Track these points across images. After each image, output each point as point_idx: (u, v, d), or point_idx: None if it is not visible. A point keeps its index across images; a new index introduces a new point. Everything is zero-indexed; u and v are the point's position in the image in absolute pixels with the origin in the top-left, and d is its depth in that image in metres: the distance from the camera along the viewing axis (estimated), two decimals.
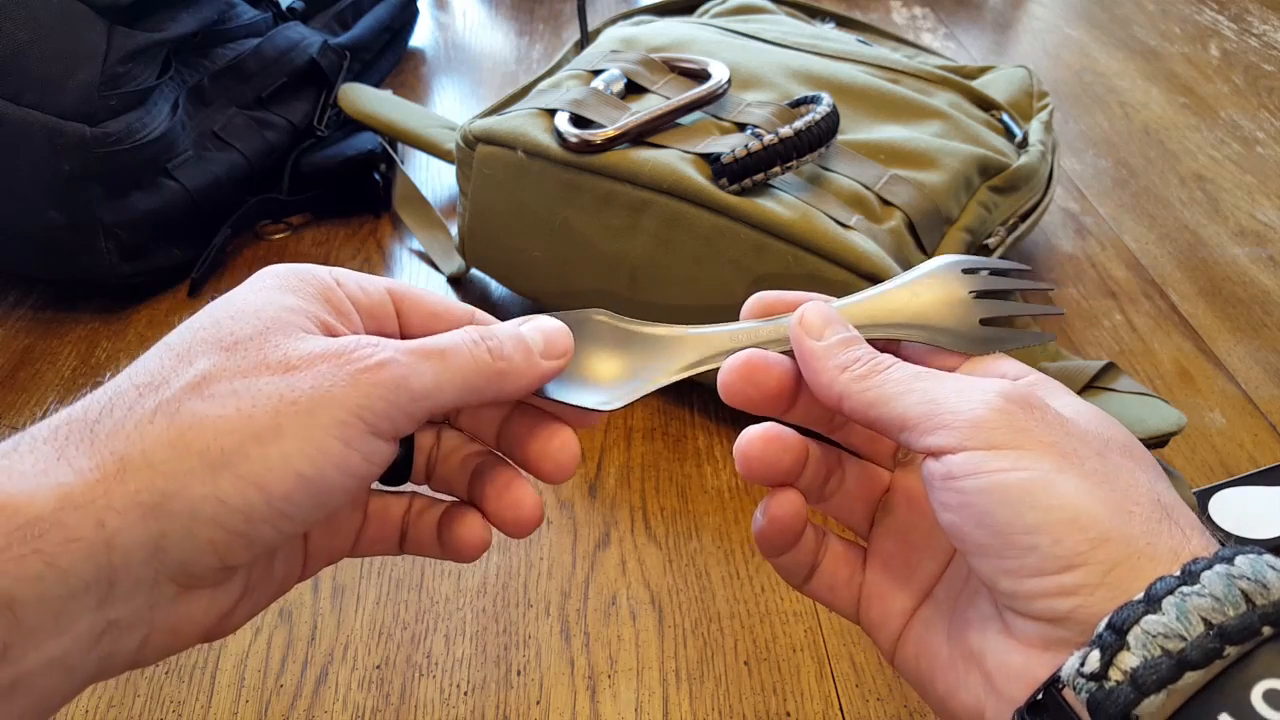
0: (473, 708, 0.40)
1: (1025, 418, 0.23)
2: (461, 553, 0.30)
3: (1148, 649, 0.20)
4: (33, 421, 0.52)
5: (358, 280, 0.28)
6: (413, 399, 0.24)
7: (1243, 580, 0.20)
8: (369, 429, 0.23)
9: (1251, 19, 1.07)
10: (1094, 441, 0.23)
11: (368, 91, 0.72)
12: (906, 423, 0.24)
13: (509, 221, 0.54)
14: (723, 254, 0.48)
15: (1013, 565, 0.22)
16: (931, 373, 0.25)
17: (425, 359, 0.24)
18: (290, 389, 0.22)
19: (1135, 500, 0.22)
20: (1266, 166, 0.80)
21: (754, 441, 0.28)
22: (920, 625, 0.28)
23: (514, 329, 0.27)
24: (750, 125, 0.51)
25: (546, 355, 0.27)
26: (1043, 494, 0.22)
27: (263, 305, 0.25)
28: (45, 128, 0.53)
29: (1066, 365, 0.52)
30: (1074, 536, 0.21)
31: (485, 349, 0.26)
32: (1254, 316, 0.64)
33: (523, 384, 0.26)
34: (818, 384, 0.27)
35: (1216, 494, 0.48)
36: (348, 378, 0.23)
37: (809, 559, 0.30)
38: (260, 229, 0.69)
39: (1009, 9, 1.09)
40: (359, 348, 0.24)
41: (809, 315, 0.28)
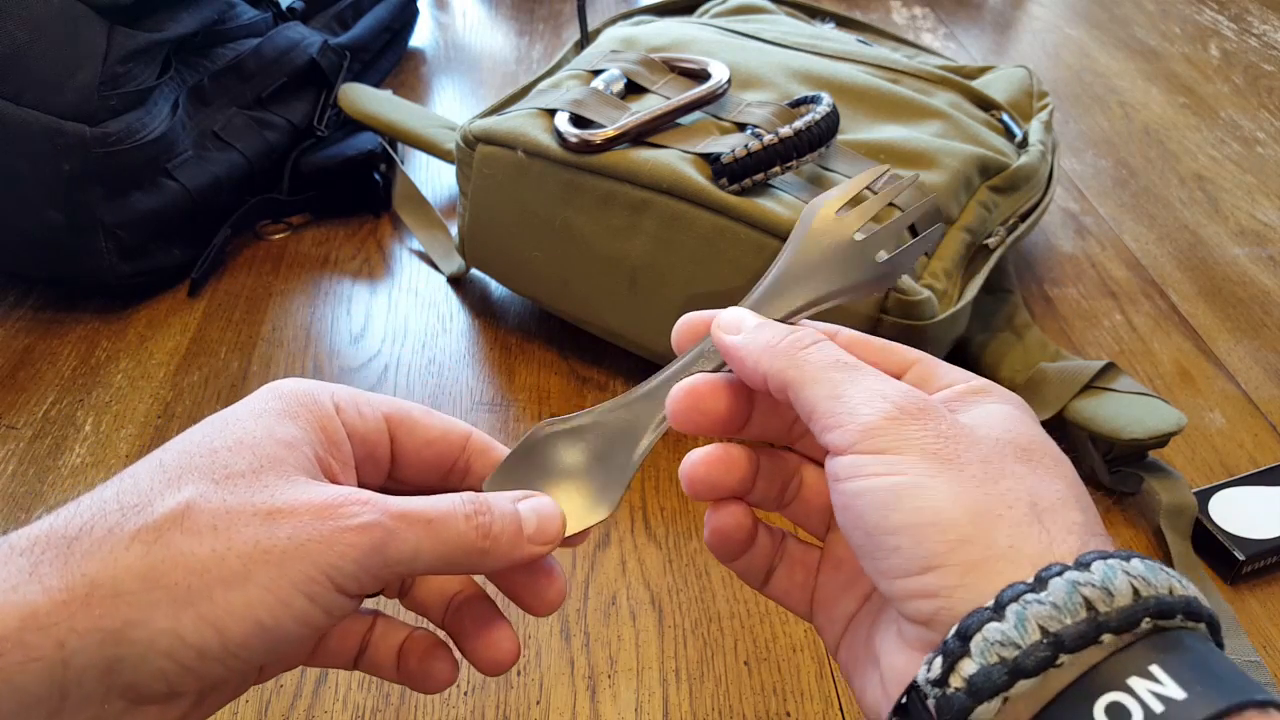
0: (473, 708, 0.40)
1: (914, 426, 0.23)
2: (425, 685, 0.30)
3: (985, 656, 0.20)
4: (32, 421, 0.53)
5: (357, 405, 0.28)
6: (385, 564, 0.24)
7: (1088, 588, 0.20)
8: (335, 587, 0.23)
9: (1251, 19, 1.07)
10: (985, 447, 0.23)
11: (368, 91, 0.72)
12: (813, 414, 0.25)
13: (509, 221, 0.54)
14: (723, 254, 0.48)
15: (883, 566, 0.23)
16: (849, 363, 0.25)
17: (410, 526, 0.24)
18: (268, 536, 0.23)
19: (1008, 504, 0.22)
20: (1266, 166, 0.80)
21: (696, 465, 0.28)
22: (853, 628, 0.28)
23: (510, 506, 0.27)
24: (750, 125, 0.51)
25: (535, 540, 0.27)
26: (909, 497, 0.22)
27: (261, 437, 0.25)
28: (45, 128, 0.53)
29: (1066, 365, 0.52)
30: (934, 538, 0.22)
31: (475, 525, 0.26)
32: (1254, 316, 0.64)
33: (502, 564, 0.26)
34: (744, 371, 0.27)
35: (1216, 494, 0.48)
36: (327, 534, 0.23)
37: (764, 563, 0.30)
38: (260, 229, 0.69)
39: (1009, 9, 1.09)
40: (346, 504, 0.24)
41: (724, 318, 0.28)
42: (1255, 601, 0.45)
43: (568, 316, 0.57)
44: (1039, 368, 0.52)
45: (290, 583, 0.23)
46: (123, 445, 0.52)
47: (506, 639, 0.29)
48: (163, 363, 0.57)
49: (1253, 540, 0.46)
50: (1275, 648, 0.44)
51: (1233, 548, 0.45)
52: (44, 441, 0.52)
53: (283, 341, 0.59)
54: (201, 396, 0.55)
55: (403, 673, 0.30)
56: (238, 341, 0.59)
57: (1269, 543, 0.46)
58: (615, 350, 0.57)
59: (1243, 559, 0.45)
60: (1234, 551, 0.45)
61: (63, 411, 0.54)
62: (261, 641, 0.23)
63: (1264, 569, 0.46)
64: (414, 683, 0.30)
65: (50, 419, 0.53)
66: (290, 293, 0.63)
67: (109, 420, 0.53)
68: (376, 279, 0.65)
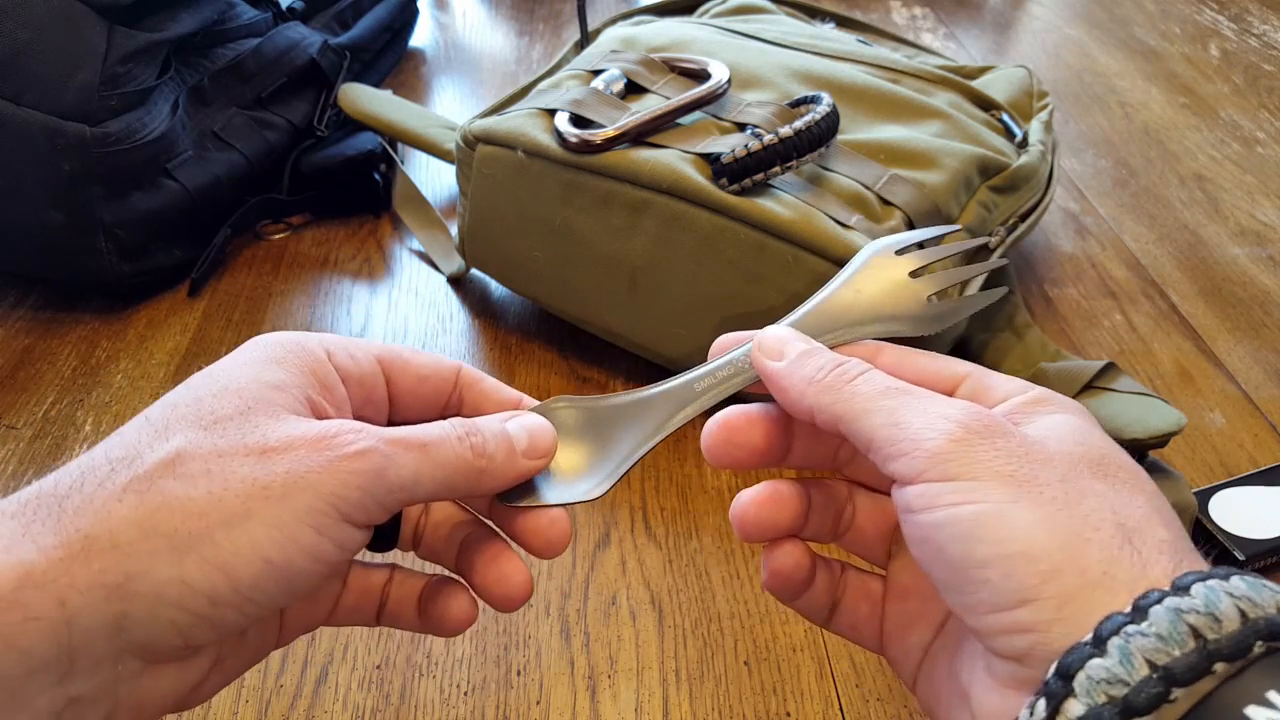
0: (473, 708, 0.40)
1: (984, 446, 0.22)
2: (444, 627, 0.29)
3: (1092, 696, 0.19)
4: (32, 421, 0.53)
5: (348, 349, 0.28)
6: (389, 490, 0.24)
7: (1192, 615, 0.19)
8: (342, 517, 0.23)
9: (1251, 19, 1.07)
10: (1060, 464, 0.22)
11: (368, 91, 0.72)
12: (872, 444, 0.24)
13: (509, 221, 0.54)
14: (723, 254, 0.48)
15: (971, 601, 0.22)
16: (901, 388, 0.25)
17: (407, 450, 0.24)
18: (265, 473, 0.22)
19: (1095, 525, 0.21)
20: (1266, 166, 0.80)
21: (747, 507, 0.28)
22: (932, 660, 0.27)
23: (499, 425, 0.27)
24: (750, 125, 0.51)
25: (529, 454, 0.27)
26: (993, 526, 0.21)
27: (247, 382, 0.25)
28: (45, 128, 0.53)
29: (1067, 365, 0.52)
30: (1024, 570, 0.20)
31: (469, 445, 0.25)
32: (1254, 316, 0.64)
33: (500, 482, 0.26)
34: (788, 402, 0.26)
35: (1216, 494, 0.48)
36: (325, 464, 0.23)
37: (827, 598, 0.29)
38: (260, 229, 0.69)
39: (1009, 9, 1.09)
40: (341, 433, 0.23)
41: (766, 339, 0.27)
42: None
43: (568, 316, 0.57)
44: (1039, 368, 0.52)
45: (294, 516, 0.22)
46: None
47: (516, 571, 0.28)
48: (163, 363, 0.57)
49: (1253, 540, 0.46)
50: None
51: (1233, 548, 0.45)
52: (44, 441, 0.52)
53: None
54: None
55: (424, 619, 0.30)
56: (238, 341, 0.59)
57: (1269, 543, 0.46)
58: (615, 350, 0.57)
59: (1243, 559, 0.45)
60: (1234, 551, 0.45)
61: (63, 411, 0.54)
62: (273, 581, 0.22)
63: (1264, 569, 0.46)
64: (435, 627, 0.30)
65: (50, 419, 0.53)
66: (290, 293, 0.63)
67: (109, 420, 0.53)
68: (376, 279, 0.65)
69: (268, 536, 0.22)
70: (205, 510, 0.22)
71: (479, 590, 0.29)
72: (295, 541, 0.22)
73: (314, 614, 0.29)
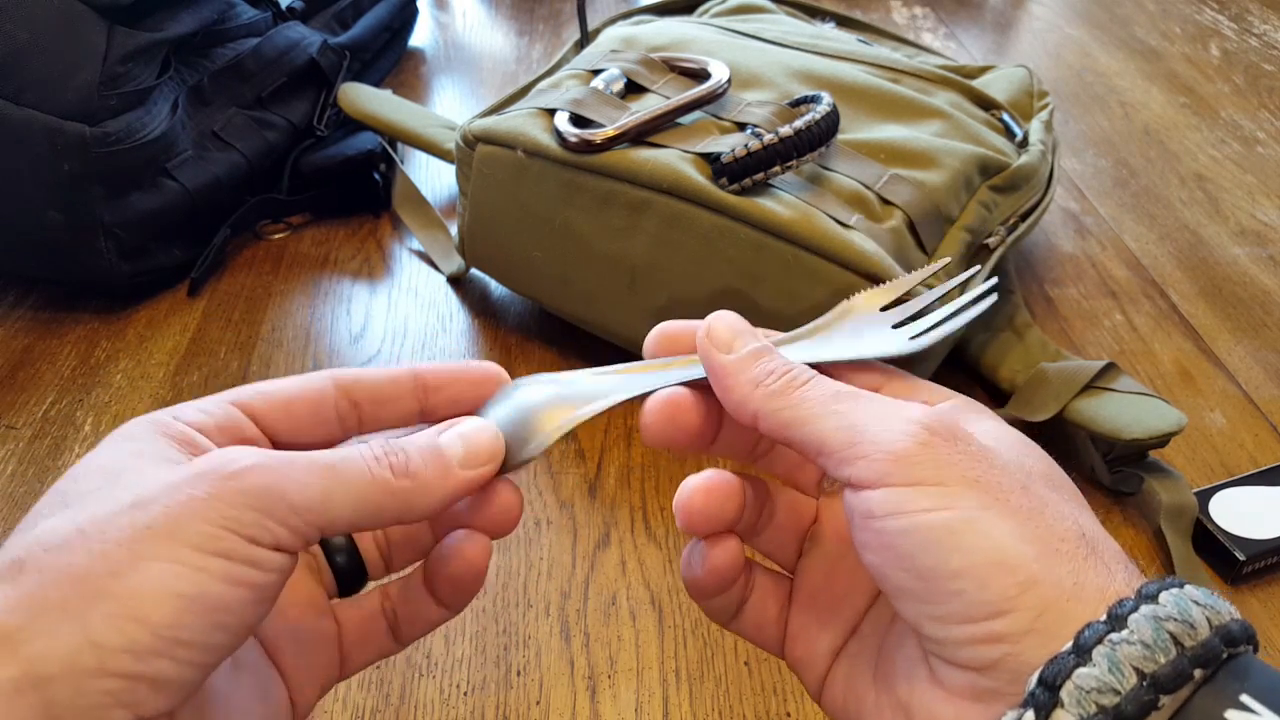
0: (473, 708, 0.40)
1: (948, 450, 0.22)
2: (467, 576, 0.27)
3: (1083, 706, 0.19)
4: (32, 421, 0.52)
5: (195, 405, 0.25)
6: (294, 510, 0.21)
7: (1170, 622, 0.19)
8: (246, 539, 0.21)
9: (1252, 19, 1.07)
10: (1017, 473, 0.22)
11: (367, 91, 0.72)
12: (824, 448, 0.23)
13: (509, 221, 0.54)
14: (723, 254, 0.48)
15: (938, 611, 0.21)
16: (852, 392, 0.24)
17: (309, 471, 0.22)
18: (145, 516, 0.20)
19: (1061, 536, 0.21)
20: (1267, 166, 0.80)
21: (695, 495, 0.26)
22: (846, 664, 0.26)
23: (428, 439, 0.24)
24: (750, 125, 0.51)
25: (467, 464, 0.25)
26: (968, 535, 0.20)
27: (106, 460, 0.23)
28: (45, 128, 0.53)
29: (1067, 365, 0.52)
30: (1001, 580, 0.20)
31: (386, 465, 0.23)
32: (1254, 316, 0.64)
33: (434, 502, 0.24)
34: (730, 402, 0.25)
35: (1216, 494, 0.48)
36: (209, 490, 0.21)
37: (737, 597, 0.28)
38: (260, 229, 0.69)
39: (1009, 9, 1.09)
40: (219, 456, 0.22)
41: (716, 327, 0.26)
42: (1256, 601, 0.45)
43: (568, 316, 0.57)
44: (1039, 368, 0.52)
45: (192, 546, 0.20)
46: None
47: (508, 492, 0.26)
48: (162, 363, 0.57)
49: (1253, 540, 0.46)
50: (1275, 647, 0.44)
51: (1233, 548, 0.45)
52: (44, 441, 0.52)
53: (282, 341, 0.59)
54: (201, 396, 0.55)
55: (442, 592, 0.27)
56: (238, 341, 0.59)
57: (1269, 543, 0.45)
58: (615, 350, 0.57)
59: (1243, 559, 0.45)
60: (1234, 551, 0.45)
61: (62, 411, 0.54)
62: (195, 615, 0.20)
63: (1264, 569, 0.46)
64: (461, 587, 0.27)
65: (50, 419, 0.53)
66: (290, 293, 0.63)
67: (109, 420, 0.53)
68: (376, 279, 0.65)
69: (170, 571, 0.20)
70: (90, 569, 0.20)
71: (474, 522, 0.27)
72: (202, 570, 0.20)
73: (320, 663, 0.27)
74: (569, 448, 0.52)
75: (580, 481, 0.50)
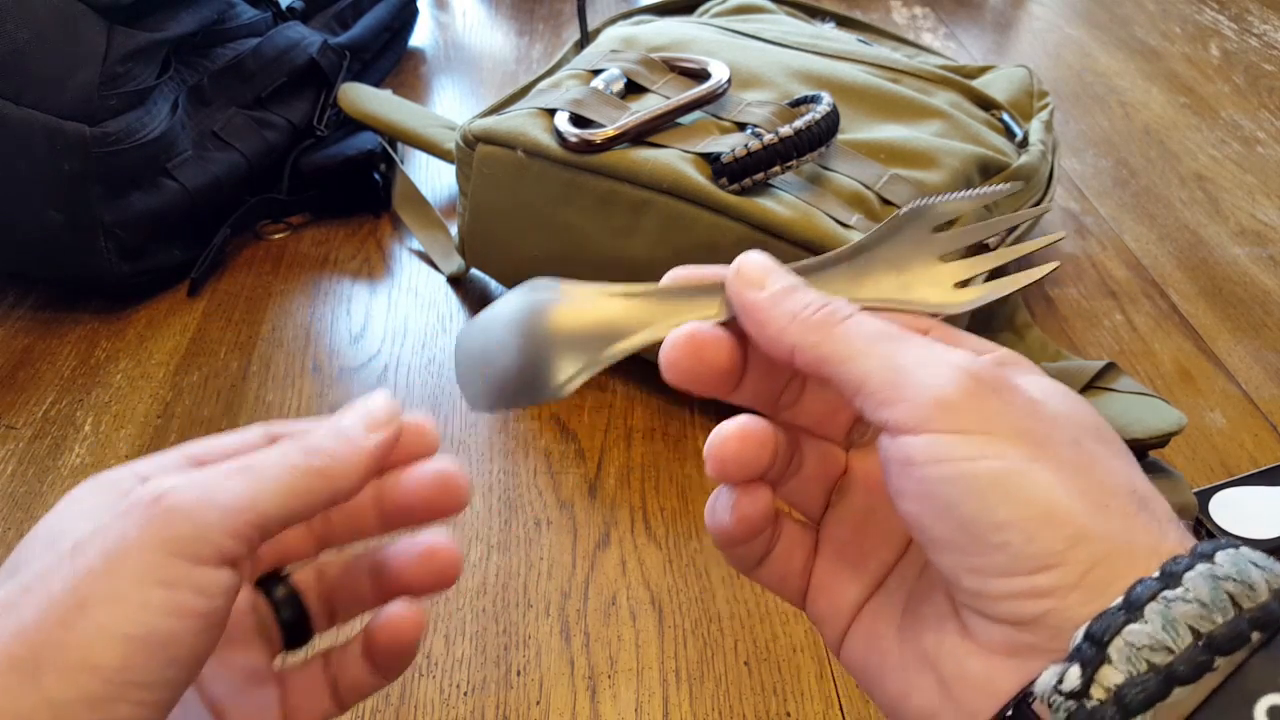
0: (473, 708, 0.40)
1: (994, 399, 0.21)
2: (396, 647, 0.27)
3: (1133, 663, 0.18)
4: (32, 421, 0.52)
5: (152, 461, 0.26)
6: (225, 514, 0.22)
7: (1228, 582, 0.18)
8: (189, 559, 0.21)
9: (1252, 19, 1.07)
10: (1068, 426, 0.21)
11: (367, 91, 0.72)
12: (865, 388, 0.22)
13: (509, 221, 0.54)
14: (723, 254, 0.48)
15: (979, 563, 0.20)
16: (896, 333, 0.23)
17: (228, 475, 0.22)
18: (83, 560, 0.20)
19: (1112, 492, 0.20)
20: (1267, 166, 0.80)
21: (729, 441, 0.25)
22: (870, 619, 0.26)
23: (327, 420, 0.25)
24: (750, 125, 0.51)
25: (373, 426, 0.25)
26: (1015, 487, 0.20)
27: (47, 530, 0.23)
28: (45, 128, 0.53)
29: (1067, 365, 0.52)
30: (1049, 534, 0.19)
31: (296, 448, 0.24)
32: (1254, 316, 0.64)
33: (355, 470, 0.24)
34: (765, 337, 0.24)
35: (1216, 494, 0.48)
36: (140, 520, 0.21)
37: (763, 546, 0.27)
38: (260, 229, 0.69)
39: (1009, 9, 1.09)
40: (141, 490, 0.22)
41: (746, 266, 0.25)
42: None
43: None
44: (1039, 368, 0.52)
45: (133, 581, 0.20)
46: (122, 445, 0.52)
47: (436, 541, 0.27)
48: (162, 363, 0.57)
49: (1253, 540, 0.46)
50: None
51: None
52: (44, 441, 0.52)
53: (282, 341, 0.59)
54: (201, 396, 0.55)
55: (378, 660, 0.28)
56: (238, 341, 0.59)
57: (1269, 543, 0.45)
58: None
59: None
60: None
61: (62, 411, 0.54)
62: (146, 655, 0.20)
63: None
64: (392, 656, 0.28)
65: (50, 419, 0.53)
66: (290, 293, 0.63)
67: (109, 420, 0.53)
68: (376, 279, 0.65)
69: (116, 612, 0.20)
70: (40, 623, 0.20)
71: (410, 585, 0.27)
72: (145, 606, 0.20)
73: None
74: (569, 448, 0.52)
75: (580, 481, 0.50)
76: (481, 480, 0.50)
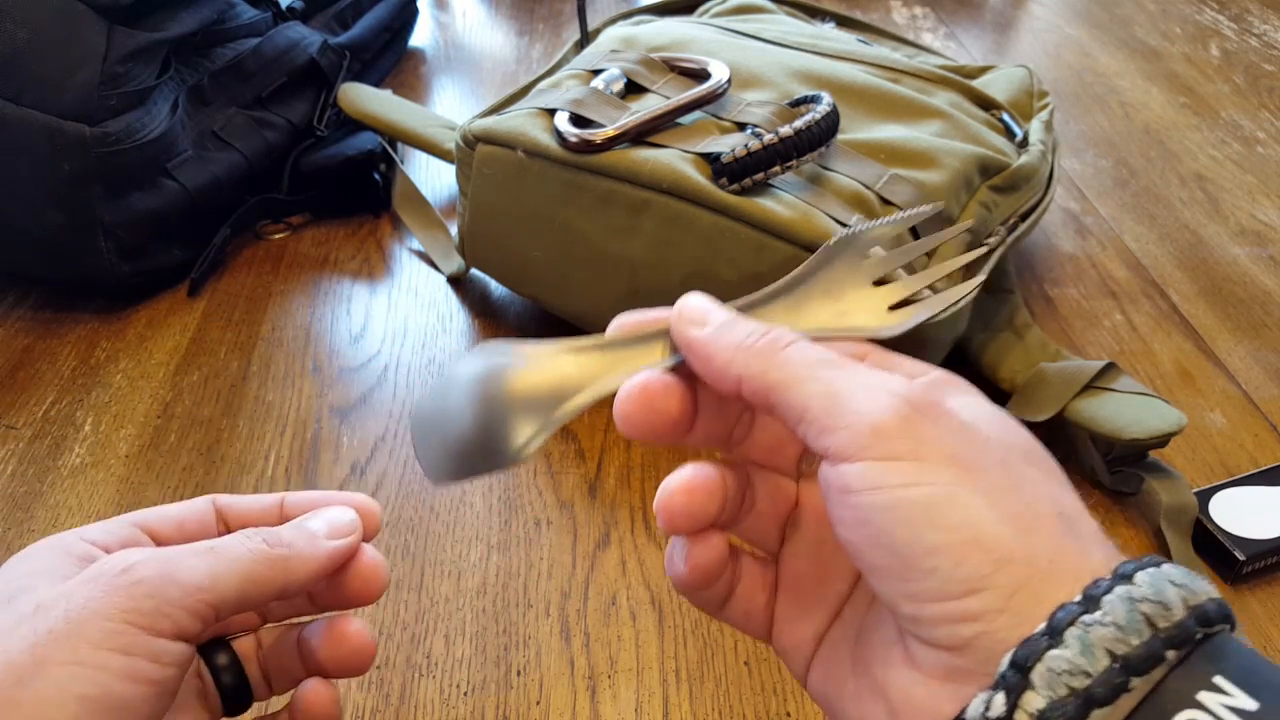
0: (473, 708, 0.40)
1: (928, 425, 0.21)
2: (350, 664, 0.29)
3: (1053, 688, 0.18)
4: (32, 421, 0.52)
5: (100, 526, 0.27)
6: (186, 592, 0.23)
7: (1144, 603, 0.19)
8: (145, 630, 0.22)
9: (1252, 19, 1.07)
10: (997, 448, 0.22)
11: (367, 91, 0.72)
12: (806, 415, 0.22)
13: (509, 221, 0.54)
14: (723, 254, 0.48)
15: (914, 589, 0.21)
16: (836, 359, 0.23)
17: (193, 554, 0.24)
18: (45, 621, 0.21)
19: (1038, 513, 0.21)
20: (1267, 166, 0.80)
21: (676, 495, 0.25)
22: (828, 649, 0.26)
23: (295, 523, 0.28)
24: (750, 125, 0.51)
25: (332, 536, 0.28)
26: (945, 512, 0.20)
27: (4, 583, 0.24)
28: (45, 128, 0.53)
29: (1067, 365, 0.52)
30: (976, 558, 0.20)
31: (260, 539, 0.26)
32: (1254, 316, 0.64)
33: (311, 568, 0.27)
34: (712, 370, 0.24)
35: (1216, 494, 0.48)
36: (105, 588, 0.22)
37: (725, 588, 0.28)
38: (260, 229, 0.69)
39: (1009, 9, 1.09)
40: (111, 559, 0.23)
41: (687, 307, 0.26)
42: (1255, 601, 0.45)
43: (568, 316, 0.57)
44: (1039, 368, 0.52)
45: (91, 645, 0.21)
46: (122, 445, 0.52)
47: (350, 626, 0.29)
48: (162, 363, 0.57)
49: (1253, 540, 0.46)
50: (1275, 648, 0.44)
51: (1233, 548, 0.45)
52: (44, 441, 0.52)
53: (282, 341, 0.59)
54: (201, 396, 0.55)
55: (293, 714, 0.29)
56: (238, 341, 0.59)
57: (1269, 543, 0.45)
58: None
59: (1243, 559, 0.45)
60: (1234, 551, 0.45)
61: (62, 411, 0.54)
62: (98, 716, 0.21)
63: (1264, 569, 0.46)
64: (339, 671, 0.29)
65: (50, 419, 0.53)
66: (290, 293, 0.63)
67: (109, 420, 0.53)
68: (376, 279, 0.65)
69: (72, 674, 0.21)
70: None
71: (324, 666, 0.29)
72: (103, 669, 0.21)
73: None
74: (569, 448, 0.52)
75: (580, 481, 0.50)
76: (481, 480, 0.50)
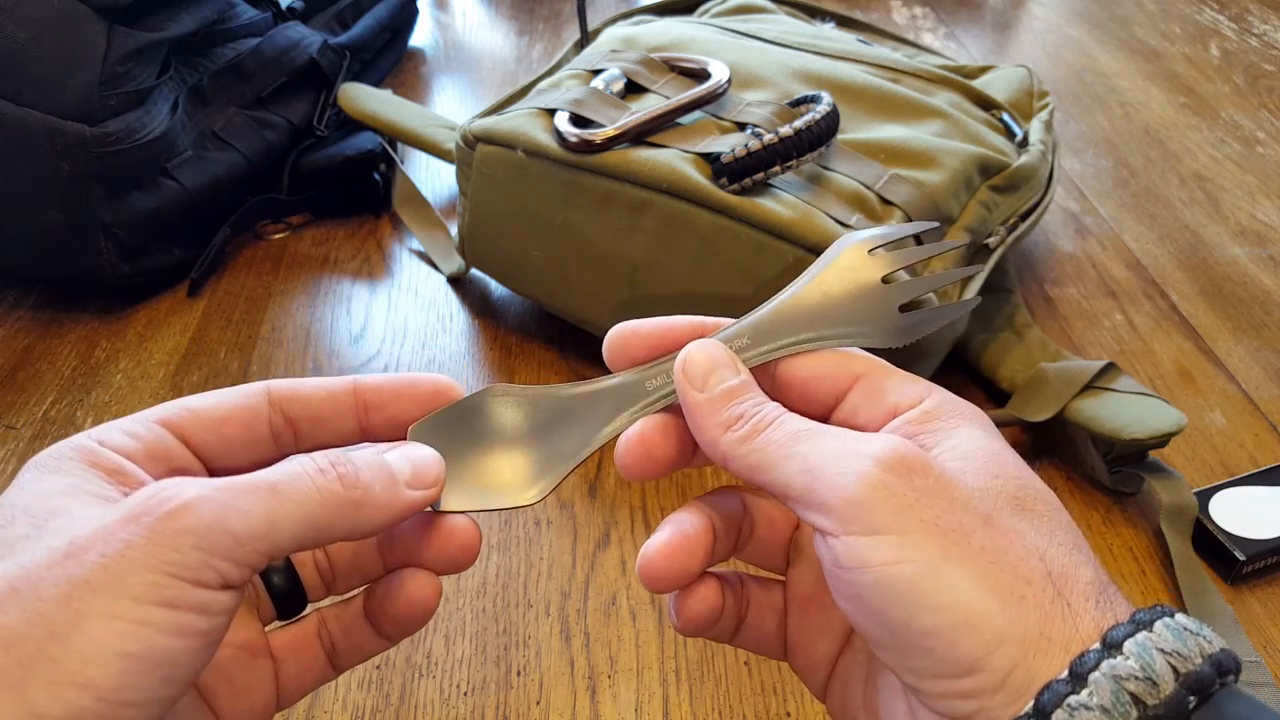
0: (473, 708, 0.40)
1: (904, 489, 0.21)
2: (411, 617, 0.26)
3: None
4: (32, 421, 0.52)
5: (120, 427, 0.24)
6: (238, 542, 0.20)
7: (1131, 681, 0.19)
8: (191, 583, 0.20)
9: (1252, 19, 1.07)
10: (981, 504, 0.22)
11: (367, 91, 0.72)
12: (789, 493, 0.23)
13: (509, 221, 0.54)
14: (723, 254, 0.48)
15: (912, 665, 0.21)
16: (813, 430, 0.24)
17: (251, 494, 0.21)
18: (80, 568, 0.19)
19: (1027, 579, 0.21)
20: (1267, 166, 0.80)
21: (655, 560, 0.26)
22: (843, 675, 0.27)
23: (374, 454, 0.24)
24: (750, 125, 0.51)
25: (414, 484, 0.24)
26: (932, 591, 0.20)
27: (31, 501, 0.21)
28: (45, 128, 0.53)
29: (1067, 365, 0.52)
30: (970, 640, 0.20)
31: (335, 475, 0.22)
32: (1254, 316, 0.64)
33: (383, 517, 0.23)
34: (702, 441, 0.25)
35: (1216, 494, 0.48)
36: (145, 533, 0.20)
37: (734, 620, 0.28)
38: (260, 229, 0.69)
39: (1009, 9, 1.09)
40: (155, 494, 0.20)
41: (693, 361, 0.25)
42: (1255, 601, 0.45)
43: (568, 316, 0.57)
44: (1039, 368, 0.52)
45: (133, 599, 0.19)
46: None
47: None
48: (162, 363, 0.57)
49: (1253, 540, 0.46)
50: (1275, 648, 0.44)
51: (1233, 548, 0.45)
52: (44, 441, 0.52)
53: (282, 341, 0.59)
54: None
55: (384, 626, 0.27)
56: (237, 341, 0.59)
57: (1269, 543, 0.45)
58: None
59: (1243, 559, 0.45)
60: (1234, 551, 0.45)
61: (62, 411, 0.54)
62: (142, 673, 0.19)
63: (1264, 569, 0.46)
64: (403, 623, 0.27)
65: (50, 419, 0.53)
66: (290, 293, 0.63)
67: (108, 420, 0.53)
68: (376, 279, 0.65)
69: (113, 629, 0.19)
70: (26, 633, 0.19)
71: (426, 560, 0.26)
72: (145, 624, 0.19)
73: (256, 701, 0.26)
74: None
75: (580, 481, 0.50)
76: None
